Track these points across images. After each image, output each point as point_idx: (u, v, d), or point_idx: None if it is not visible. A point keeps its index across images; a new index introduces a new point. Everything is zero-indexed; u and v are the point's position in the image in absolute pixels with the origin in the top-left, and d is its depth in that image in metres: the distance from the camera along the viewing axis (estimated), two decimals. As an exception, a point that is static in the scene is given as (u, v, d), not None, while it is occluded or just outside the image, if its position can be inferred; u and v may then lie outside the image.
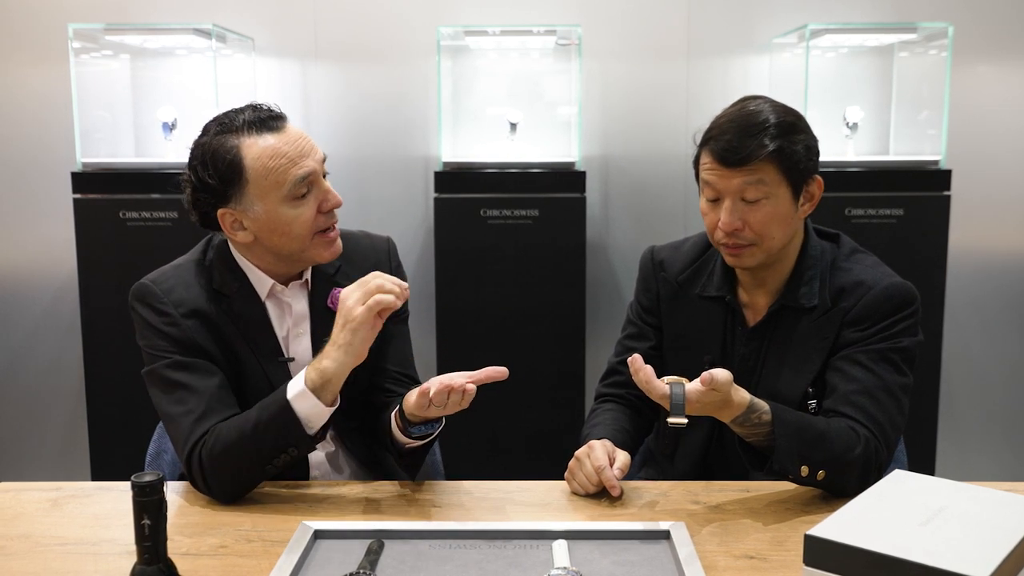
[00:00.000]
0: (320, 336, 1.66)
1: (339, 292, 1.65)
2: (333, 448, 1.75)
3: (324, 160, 1.63)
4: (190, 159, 1.59)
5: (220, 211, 1.58)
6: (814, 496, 1.53)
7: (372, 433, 1.77)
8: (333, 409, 1.51)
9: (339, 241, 1.65)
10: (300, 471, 1.70)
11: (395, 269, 1.81)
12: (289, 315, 1.70)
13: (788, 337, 1.66)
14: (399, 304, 1.46)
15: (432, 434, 1.61)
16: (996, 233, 3.48)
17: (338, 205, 1.63)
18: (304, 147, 1.58)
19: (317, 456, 1.72)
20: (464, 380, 1.45)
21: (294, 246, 1.60)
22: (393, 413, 1.61)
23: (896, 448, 1.66)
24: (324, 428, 1.53)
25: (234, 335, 1.63)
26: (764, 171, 1.58)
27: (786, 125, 1.59)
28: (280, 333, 1.69)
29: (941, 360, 3.21)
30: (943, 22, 3.13)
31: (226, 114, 1.60)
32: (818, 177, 1.64)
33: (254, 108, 1.59)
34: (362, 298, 1.46)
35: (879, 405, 1.55)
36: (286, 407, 1.48)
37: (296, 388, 1.48)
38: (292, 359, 1.68)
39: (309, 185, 1.58)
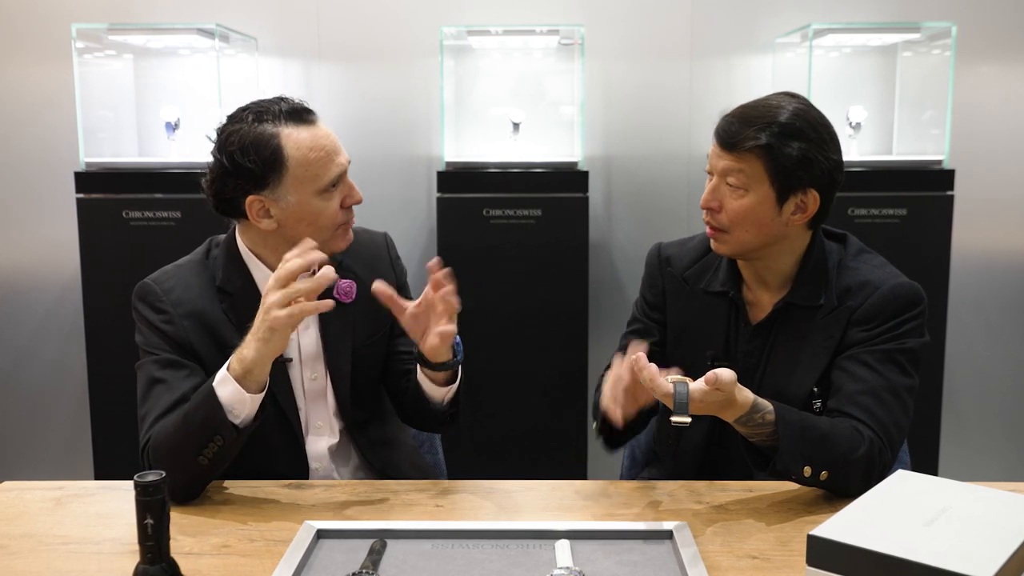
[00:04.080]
0: (329, 328, 1.70)
1: (345, 283, 1.69)
2: (337, 439, 1.75)
3: (349, 161, 1.67)
4: (224, 144, 1.59)
5: (250, 198, 1.59)
6: (817, 496, 1.53)
7: (404, 411, 1.82)
8: (259, 397, 1.49)
9: (351, 232, 1.69)
10: (298, 466, 1.70)
11: (394, 260, 1.86)
12: None
13: (793, 336, 1.66)
14: (323, 309, 1.45)
15: (458, 359, 1.63)
16: (999, 233, 3.48)
17: (359, 202, 1.67)
18: (336, 143, 1.63)
19: (319, 449, 1.73)
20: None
21: (316, 237, 1.61)
22: (417, 369, 1.66)
23: (900, 450, 1.66)
24: (255, 419, 1.50)
25: (233, 335, 1.63)
26: (748, 163, 1.57)
27: (791, 128, 1.56)
28: None
29: (944, 360, 3.21)
30: (946, 22, 3.12)
31: (259, 103, 1.61)
32: (813, 191, 1.59)
33: (285, 100, 1.62)
34: (283, 300, 1.42)
35: (884, 406, 1.55)
36: (211, 394, 1.47)
37: (220, 375, 1.48)
38: (290, 359, 1.68)
39: (339, 180, 1.62)
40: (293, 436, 1.69)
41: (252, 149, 1.56)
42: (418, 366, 1.66)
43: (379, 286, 1.53)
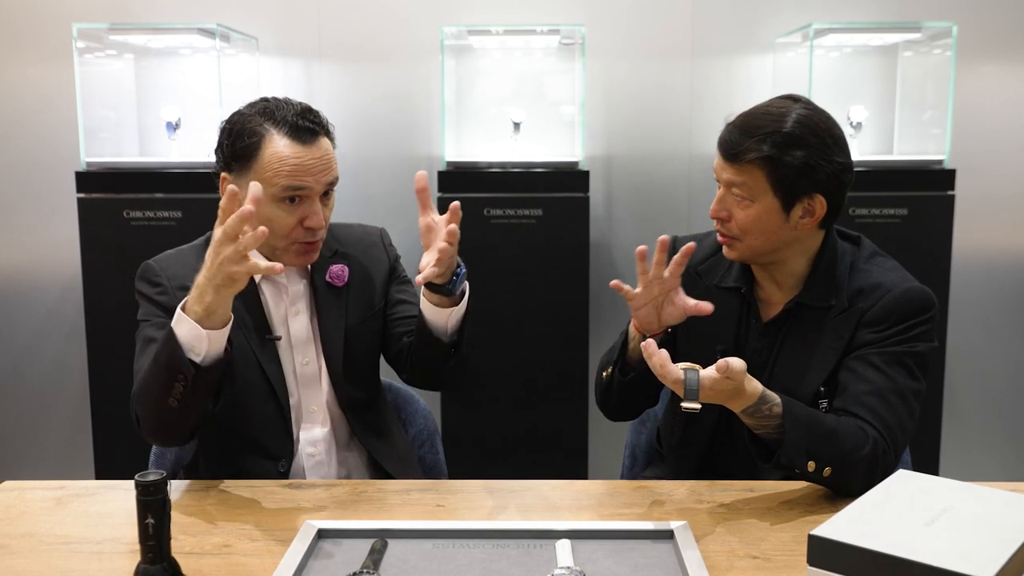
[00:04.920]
0: (324, 313, 1.75)
1: (336, 267, 1.77)
2: (331, 424, 1.77)
3: (332, 184, 1.69)
4: (230, 116, 1.70)
5: (222, 175, 1.68)
6: (818, 496, 1.53)
7: (411, 367, 1.82)
8: (221, 332, 1.48)
9: (315, 254, 1.72)
10: (286, 447, 1.72)
11: (387, 246, 1.92)
12: (285, 295, 1.76)
13: (802, 335, 1.66)
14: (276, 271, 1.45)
15: (455, 282, 1.65)
16: (1000, 233, 3.48)
17: (319, 227, 1.68)
18: (316, 167, 1.65)
19: (313, 434, 1.75)
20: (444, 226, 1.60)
21: (267, 241, 1.61)
22: (421, 298, 1.71)
23: (903, 452, 1.66)
24: (221, 360, 1.50)
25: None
26: (750, 175, 1.57)
27: (791, 137, 1.55)
28: (276, 312, 1.74)
29: (945, 359, 3.21)
30: (947, 21, 3.12)
31: (277, 102, 1.68)
32: (820, 196, 1.59)
33: (303, 114, 1.66)
34: (236, 255, 1.40)
35: (890, 407, 1.54)
36: (170, 335, 1.48)
37: (176, 315, 1.49)
38: (279, 337, 1.73)
39: (298, 198, 1.65)
40: (281, 417, 1.72)
41: (236, 135, 1.65)
42: (423, 299, 1.70)
43: (421, 175, 1.60)
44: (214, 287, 1.44)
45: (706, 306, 1.59)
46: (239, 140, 1.64)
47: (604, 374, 1.76)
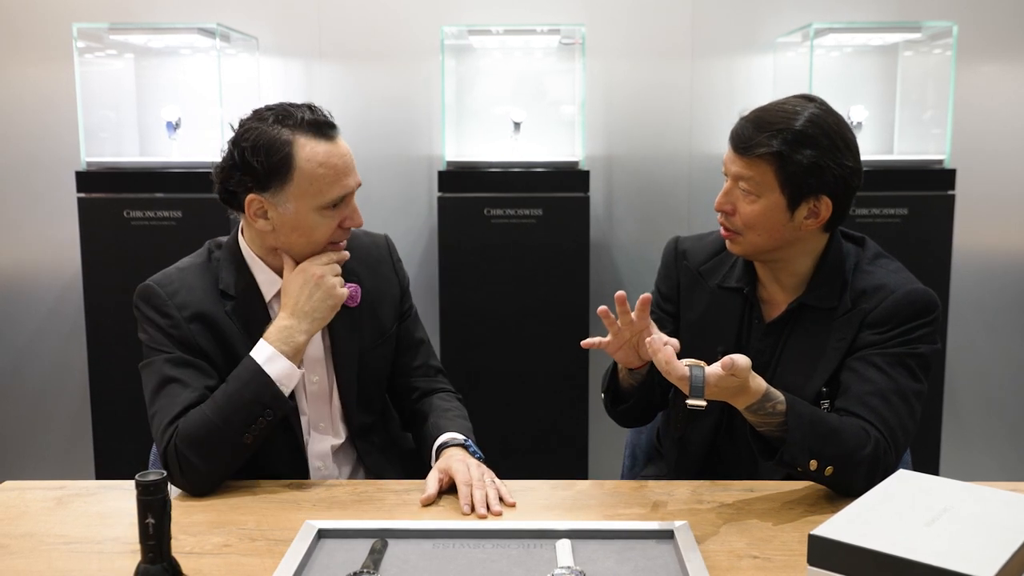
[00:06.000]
0: (337, 333, 1.73)
1: (350, 287, 1.71)
2: (341, 441, 1.76)
3: (359, 184, 1.68)
4: (238, 138, 1.60)
5: (251, 196, 1.60)
6: (818, 496, 1.53)
7: (407, 425, 1.91)
8: (303, 372, 1.65)
9: (345, 252, 1.70)
10: (298, 467, 1.71)
11: (396, 264, 1.87)
12: None
13: (805, 335, 1.65)
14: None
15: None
16: (1000, 232, 3.48)
17: (359, 226, 1.70)
18: (350, 164, 1.64)
19: (322, 449, 1.74)
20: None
21: (307, 250, 1.65)
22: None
23: (904, 453, 1.66)
24: (292, 394, 1.63)
25: (236, 337, 1.64)
26: (759, 170, 1.57)
27: (802, 135, 1.55)
28: None
29: (945, 359, 3.21)
30: (947, 21, 3.12)
31: (284, 106, 1.63)
32: (826, 198, 1.58)
33: (312, 109, 1.62)
34: (340, 281, 1.64)
35: (891, 408, 1.54)
36: (259, 372, 1.57)
37: (265, 354, 1.58)
38: None
39: (342, 201, 1.64)
40: (293, 436, 1.69)
41: (263, 150, 1.57)
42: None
43: None
44: (313, 320, 1.61)
45: (672, 341, 1.49)
46: (271, 155, 1.56)
47: (603, 395, 1.77)
